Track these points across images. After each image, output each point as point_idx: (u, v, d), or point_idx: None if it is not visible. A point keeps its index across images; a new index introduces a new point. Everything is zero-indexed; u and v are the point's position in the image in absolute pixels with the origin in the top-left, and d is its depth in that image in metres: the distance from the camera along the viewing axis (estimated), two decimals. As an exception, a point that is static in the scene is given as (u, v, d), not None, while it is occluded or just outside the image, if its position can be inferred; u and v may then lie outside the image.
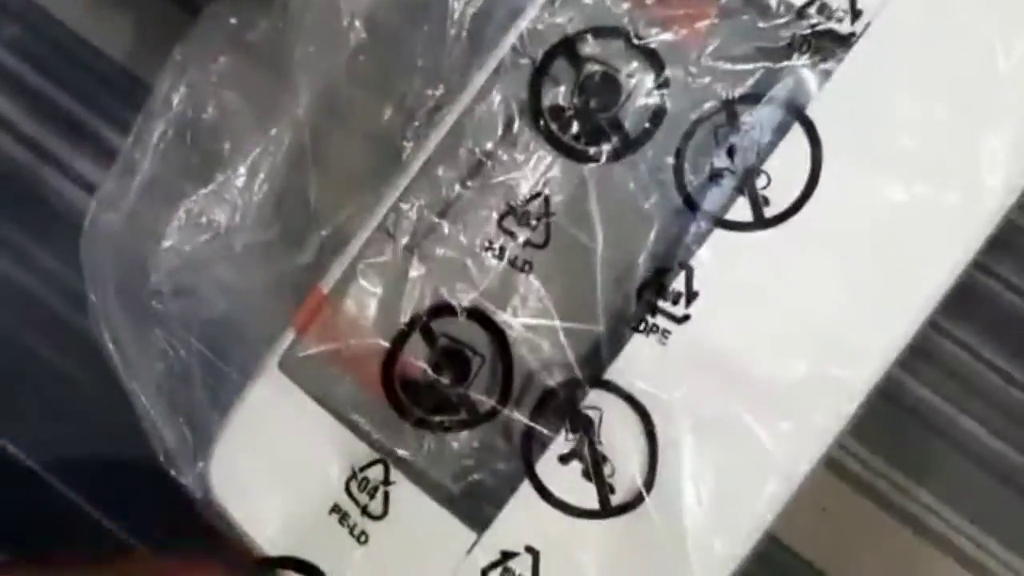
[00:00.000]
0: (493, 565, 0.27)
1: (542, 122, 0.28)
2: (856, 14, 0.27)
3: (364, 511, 0.28)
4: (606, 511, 0.27)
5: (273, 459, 0.29)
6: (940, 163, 0.26)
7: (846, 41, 0.27)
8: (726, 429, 0.27)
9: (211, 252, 0.30)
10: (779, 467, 0.27)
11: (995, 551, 0.34)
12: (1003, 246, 0.33)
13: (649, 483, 0.27)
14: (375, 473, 0.28)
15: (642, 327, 0.27)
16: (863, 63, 0.27)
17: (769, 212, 0.27)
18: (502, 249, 0.28)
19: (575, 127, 0.28)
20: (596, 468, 0.27)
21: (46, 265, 0.36)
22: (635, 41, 0.28)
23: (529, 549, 0.27)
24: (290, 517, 0.29)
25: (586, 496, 0.27)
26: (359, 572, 0.28)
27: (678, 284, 0.27)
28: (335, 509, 0.29)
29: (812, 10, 0.27)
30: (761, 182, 0.27)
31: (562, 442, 0.28)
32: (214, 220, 0.30)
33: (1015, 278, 0.34)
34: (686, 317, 0.27)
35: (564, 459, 0.28)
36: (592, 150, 0.28)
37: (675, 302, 0.27)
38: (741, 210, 0.27)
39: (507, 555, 0.28)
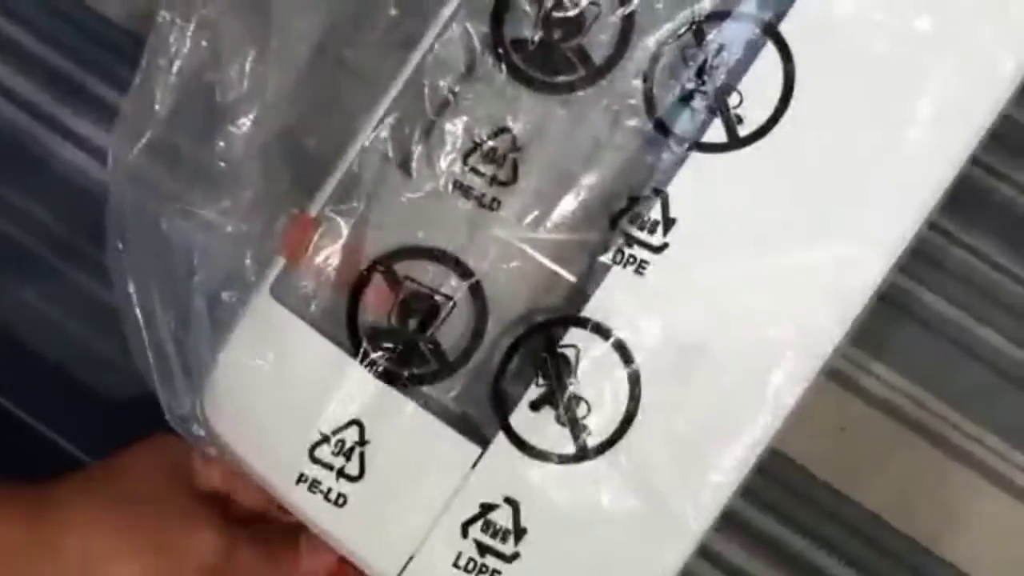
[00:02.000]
0: (473, 519, 0.26)
1: (505, 55, 0.27)
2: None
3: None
4: (583, 454, 0.26)
5: (268, 384, 0.28)
6: (920, 68, 0.25)
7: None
8: (710, 358, 0.25)
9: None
10: (768, 396, 0.25)
11: (1019, 461, 0.33)
12: (1018, 151, 0.33)
13: (631, 416, 0.26)
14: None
15: (618, 259, 0.26)
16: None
17: (744, 131, 0.26)
18: (468, 188, 0.27)
19: (539, 58, 0.27)
20: (570, 412, 0.26)
21: (40, 218, 0.36)
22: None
23: (508, 500, 0.26)
24: (285, 442, 0.28)
25: (563, 440, 0.26)
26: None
27: (654, 212, 0.26)
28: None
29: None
30: (734, 101, 0.26)
31: (534, 388, 0.26)
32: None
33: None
34: (664, 246, 0.26)
35: (535, 405, 0.26)
36: (557, 80, 0.27)
37: (652, 231, 0.26)
38: (715, 131, 0.26)
39: (487, 507, 0.26)
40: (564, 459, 0.26)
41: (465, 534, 0.26)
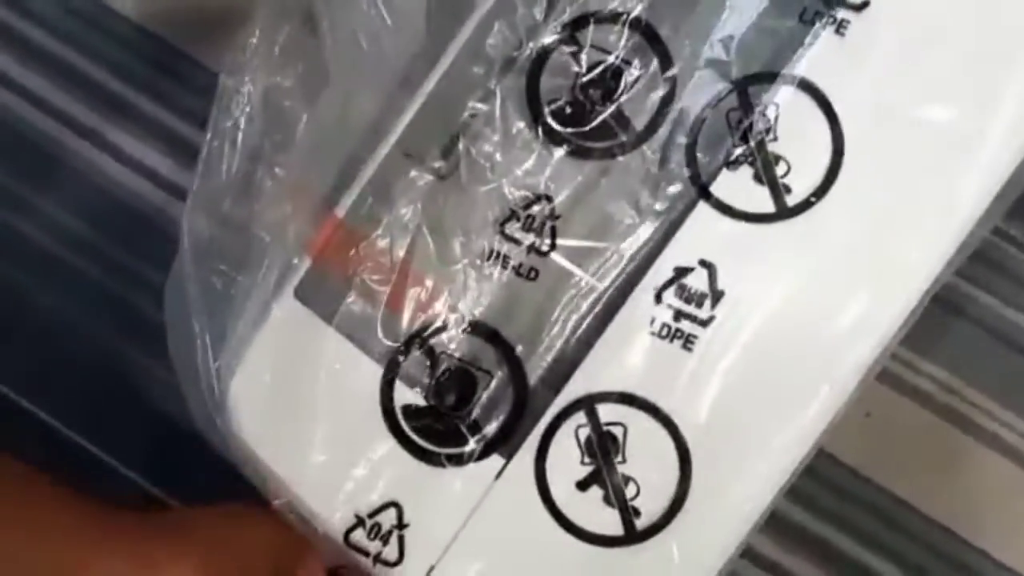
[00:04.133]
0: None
1: (542, 119, 0.26)
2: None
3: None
4: (630, 537, 0.25)
5: (292, 388, 0.27)
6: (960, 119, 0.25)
7: (859, 9, 0.25)
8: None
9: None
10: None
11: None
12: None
13: (681, 499, 0.25)
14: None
15: (664, 333, 0.25)
16: (876, 30, 0.25)
17: (792, 200, 0.25)
18: (505, 257, 0.26)
19: (577, 122, 0.26)
20: (618, 492, 0.25)
21: (65, 224, 0.35)
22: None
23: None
24: (312, 448, 0.26)
25: (610, 522, 0.25)
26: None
27: (700, 284, 0.25)
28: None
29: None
30: (781, 169, 0.25)
31: (578, 467, 0.25)
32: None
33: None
34: (711, 319, 0.25)
35: (582, 485, 0.25)
36: (596, 145, 0.26)
37: (699, 304, 0.25)
38: (762, 200, 0.25)
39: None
40: (610, 541, 0.25)
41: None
